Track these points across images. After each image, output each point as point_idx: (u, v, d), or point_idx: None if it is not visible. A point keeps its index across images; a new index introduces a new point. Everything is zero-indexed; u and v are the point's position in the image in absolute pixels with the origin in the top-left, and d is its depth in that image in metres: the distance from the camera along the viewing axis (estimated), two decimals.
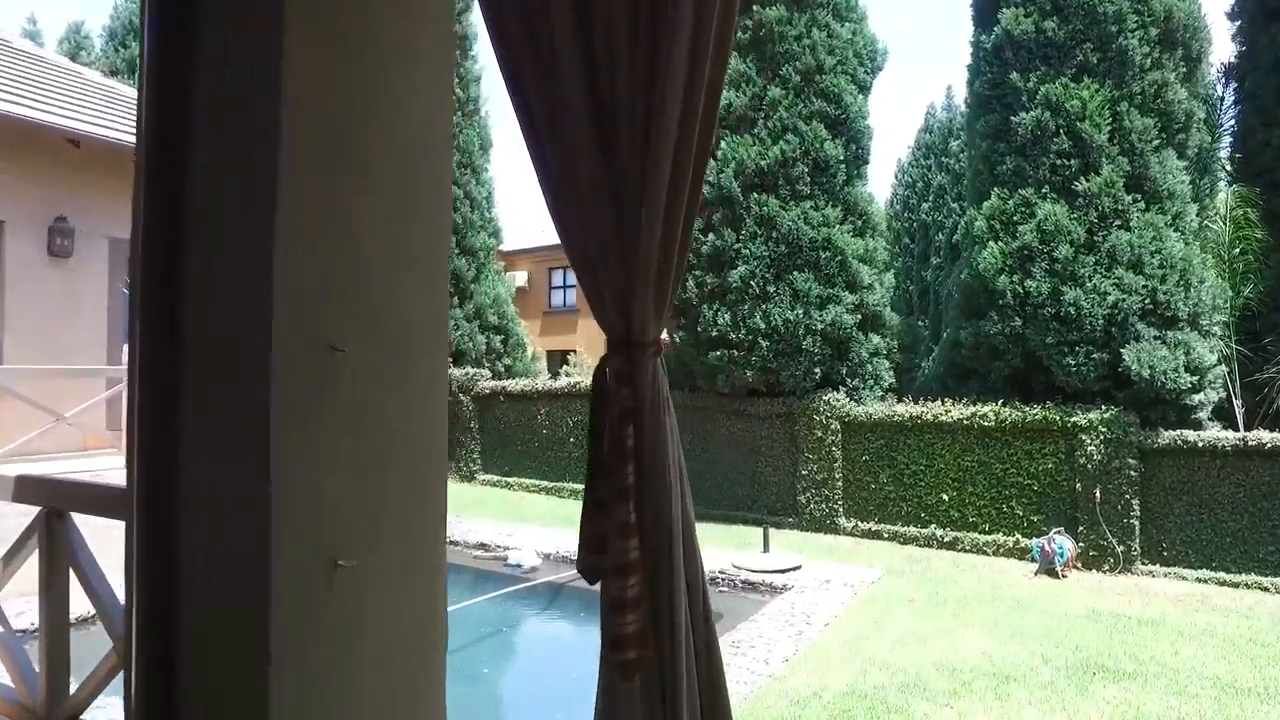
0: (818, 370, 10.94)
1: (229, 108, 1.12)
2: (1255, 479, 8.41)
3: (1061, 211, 9.62)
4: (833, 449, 10.72)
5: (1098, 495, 9.00)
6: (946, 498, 10.03)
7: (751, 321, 10.83)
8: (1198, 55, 10.17)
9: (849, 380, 11.19)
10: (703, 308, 11.33)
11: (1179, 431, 8.88)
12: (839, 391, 11.01)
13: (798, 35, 11.07)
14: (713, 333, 11.17)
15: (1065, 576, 8.66)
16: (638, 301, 1.41)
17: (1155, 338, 9.19)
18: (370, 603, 1.15)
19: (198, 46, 1.13)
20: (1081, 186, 9.59)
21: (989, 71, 10.56)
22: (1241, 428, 9.30)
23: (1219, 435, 8.71)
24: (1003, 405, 9.74)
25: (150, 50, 1.16)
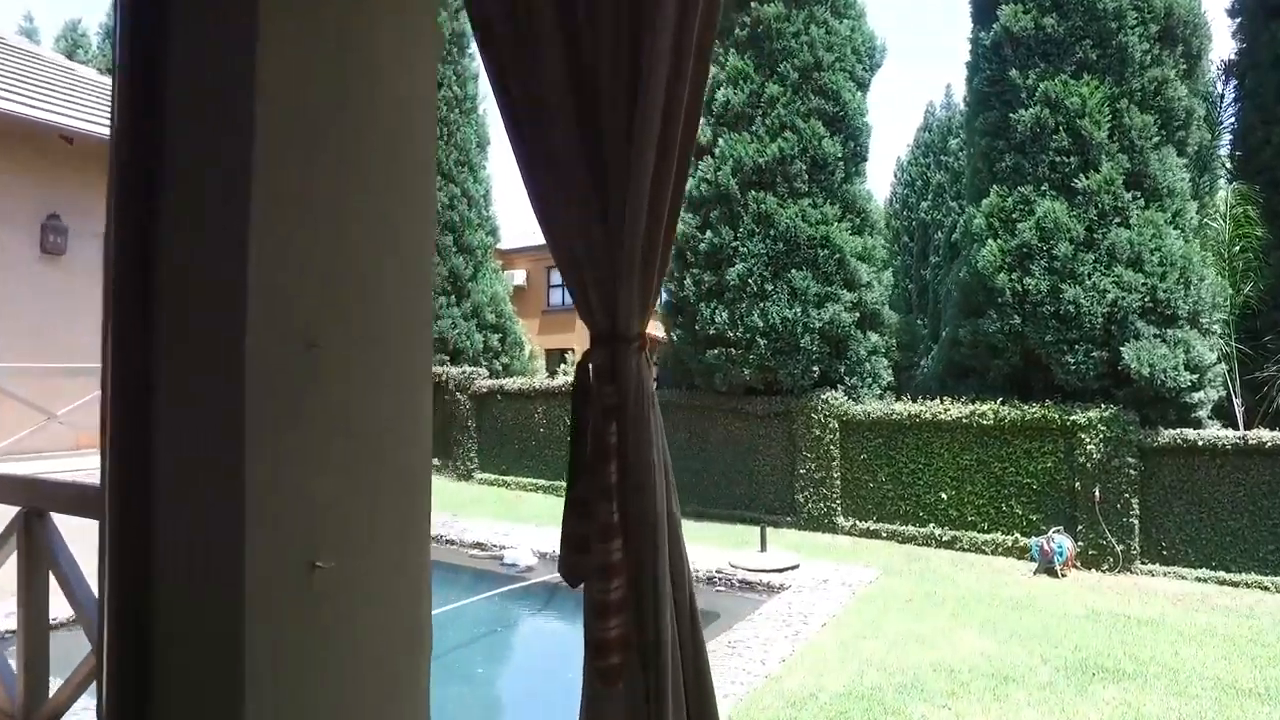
0: (816, 369, 10.91)
1: (203, 99, 1.10)
2: (1255, 478, 8.37)
3: (1061, 209, 9.57)
4: (831, 448, 10.68)
5: (1097, 494, 8.96)
6: (945, 497, 9.99)
7: (749, 320, 10.79)
8: (1198, 52, 10.12)
9: (847, 379, 11.15)
10: (700, 306, 11.29)
11: (1179, 430, 8.85)
12: (837, 390, 10.97)
13: (796, 32, 11.03)
14: (710, 331, 11.13)
15: (1064, 576, 8.63)
16: (622, 295, 1.39)
17: (1155, 336, 9.14)
18: (351, 605, 1.13)
19: (172, 36, 1.12)
20: (1081, 184, 9.55)
21: (988, 68, 10.51)
22: (1241, 426, 9.27)
23: (1219, 434, 8.68)
24: (1002, 404, 9.70)
25: (123, 40, 1.15)
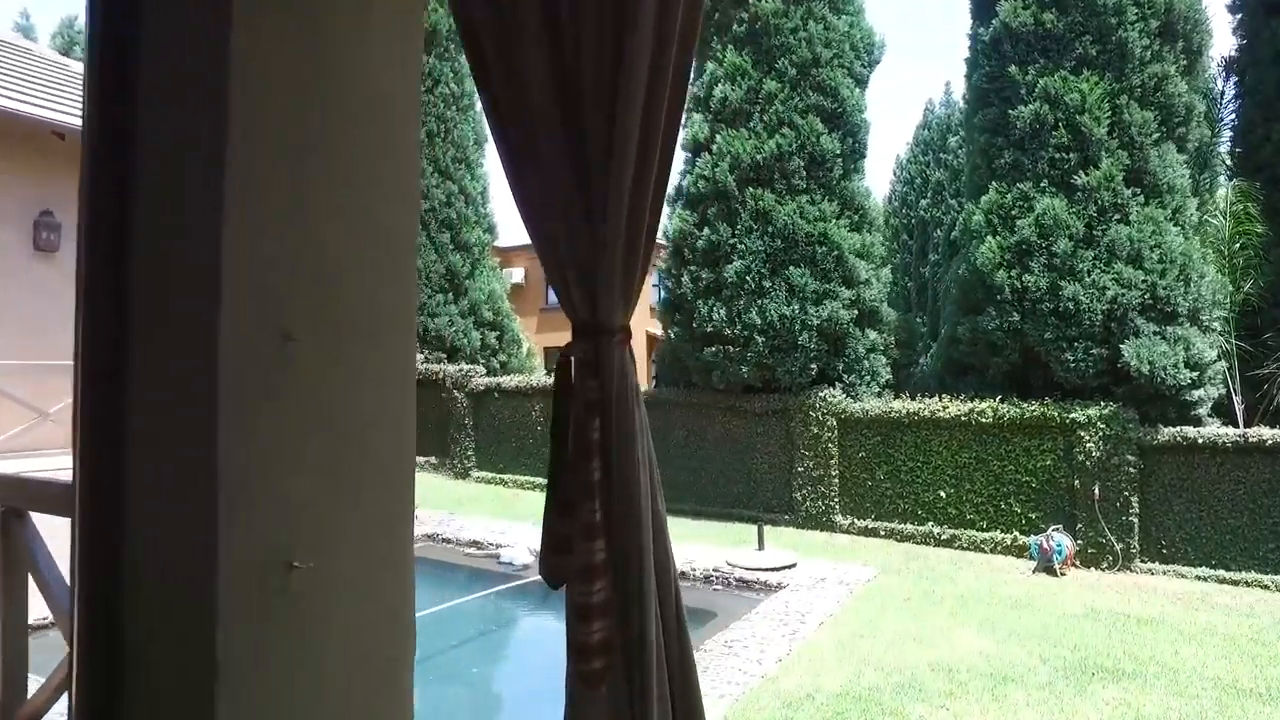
0: (814, 366, 10.85)
1: (176, 85, 1.06)
2: (1255, 475, 8.33)
3: (1060, 206, 9.52)
4: (829, 445, 10.63)
5: (1096, 492, 8.91)
6: (944, 495, 9.94)
7: (747, 317, 10.73)
8: (1198, 48, 10.06)
9: (845, 376, 11.10)
10: (698, 303, 11.23)
11: (1178, 428, 8.80)
12: (835, 388, 10.92)
13: (794, 28, 10.97)
14: (708, 328, 11.08)
15: (1063, 574, 8.58)
16: (603, 284, 1.37)
17: (1155, 333, 9.09)
18: (330, 606, 1.09)
19: (145, 20, 1.08)
20: (1080, 180, 9.49)
21: (987, 65, 10.45)
22: (1241, 424, 9.21)
23: (1219, 431, 8.63)
24: (1001, 401, 9.65)
25: (95, 24, 1.11)
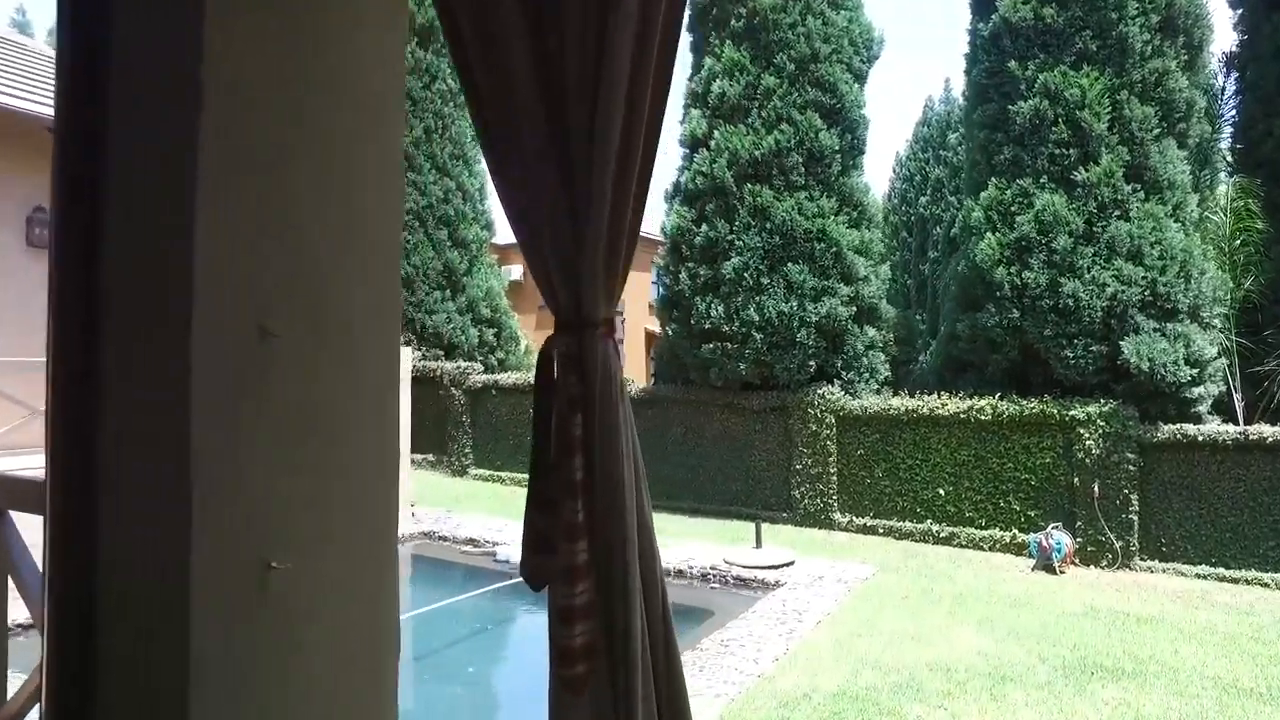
0: (812, 363, 10.80)
1: (148, 83, 1.02)
2: (1256, 473, 8.28)
3: (1060, 202, 9.46)
4: (827, 443, 10.58)
5: (1096, 490, 8.87)
6: (943, 492, 9.90)
7: (745, 314, 10.68)
8: (1199, 43, 10.00)
9: (844, 373, 11.05)
10: (696, 300, 11.17)
11: (1178, 425, 8.75)
12: (834, 385, 10.86)
13: (792, 23, 10.89)
14: (705, 325, 11.02)
15: (1063, 572, 8.54)
16: (586, 275, 1.32)
17: (1155, 330, 9.04)
18: (311, 608, 1.06)
19: (116, 19, 1.03)
20: (1080, 176, 9.43)
21: (986, 60, 10.38)
22: (1242, 421, 9.17)
23: (1219, 429, 8.59)
24: (1000, 398, 9.61)
25: (65, 22, 1.07)
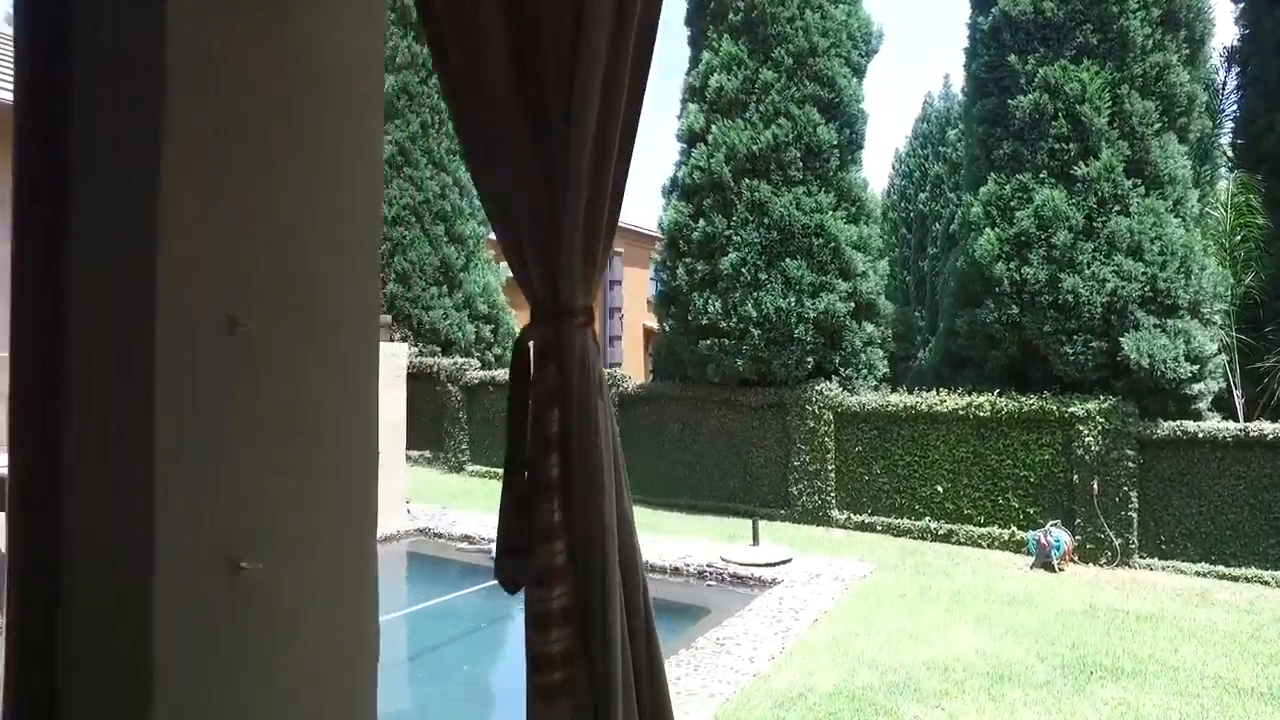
0: (810, 359, 10.74)
1: (111, 73, 0.99)
2: (1256, 470, 8.23)
3: (1060, 197, 9.39)
4: (825, 440, 10.52)
5: (1095, 487, 8.81)
6: (941, 489, 9.84)
7: (743, 309, 10.61)
8: (1200, 38, 9.91)
9: (842, 370, 10.98)
10: (693, 295, 11.10)
11: (1178, 422, 8.68)
12: (832, 381, 10.80)
13: (790, 17, 10.80)
14: (703, 321, 10.95)
15: (1062, 570, 8.49)
16: (564, 262, 1.27)
17: (1155, 326, 8.97)
18: (284, 610, 1.04)
19: (78, 8, 1.00)
20: (1080, 171, 9.36)
21: (986, 54, 10.30)
22: (1242, 418, 9.12)
23: (1219, 426, 8.52)
24: (999, 395, 9.54)
25: (25, 12, 1.02)
